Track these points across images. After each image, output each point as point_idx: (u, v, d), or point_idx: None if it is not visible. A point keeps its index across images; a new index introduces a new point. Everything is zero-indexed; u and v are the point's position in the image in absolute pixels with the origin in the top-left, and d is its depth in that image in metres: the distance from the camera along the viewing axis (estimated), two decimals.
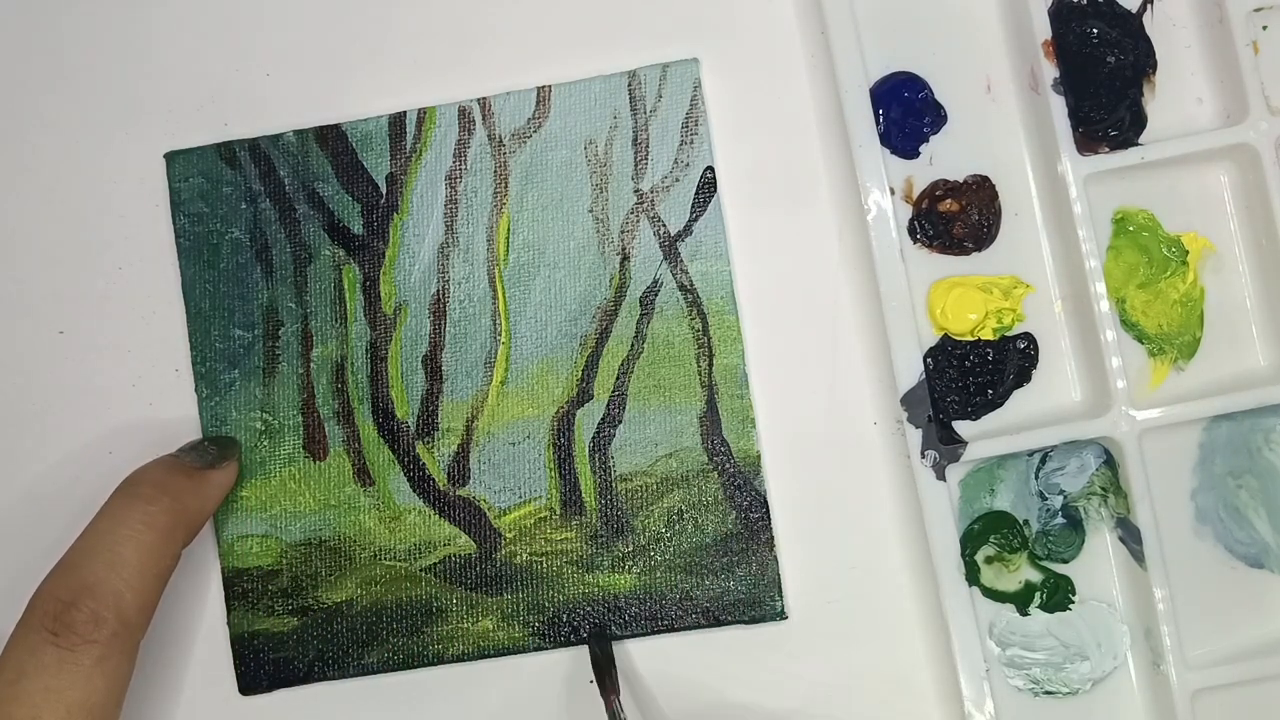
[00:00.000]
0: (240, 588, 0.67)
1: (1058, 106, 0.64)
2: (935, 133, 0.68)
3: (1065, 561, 0.66)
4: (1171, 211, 0.67)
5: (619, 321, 0.67)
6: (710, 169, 0.67)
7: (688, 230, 0.67)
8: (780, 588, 0.66)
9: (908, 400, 0.63)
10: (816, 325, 0.67)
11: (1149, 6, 0.67)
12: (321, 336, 0.67)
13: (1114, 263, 0.67)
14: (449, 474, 0.67)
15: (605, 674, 0.64)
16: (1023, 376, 0.67)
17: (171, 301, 0.67)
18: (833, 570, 0.66)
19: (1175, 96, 0.67)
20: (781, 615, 0.66)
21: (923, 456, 0.64)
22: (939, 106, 0.67)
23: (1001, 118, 0.68)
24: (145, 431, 0.67)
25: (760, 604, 0.66)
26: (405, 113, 0.67)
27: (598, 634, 0.66)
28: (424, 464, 0.67)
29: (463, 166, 0.67)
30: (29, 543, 0.67)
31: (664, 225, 0.67)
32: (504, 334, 0.67)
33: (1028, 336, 0.67)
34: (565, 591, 0.66)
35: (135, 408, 0.67)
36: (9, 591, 0.66)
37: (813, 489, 0.66)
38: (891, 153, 0.67)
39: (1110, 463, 0.66)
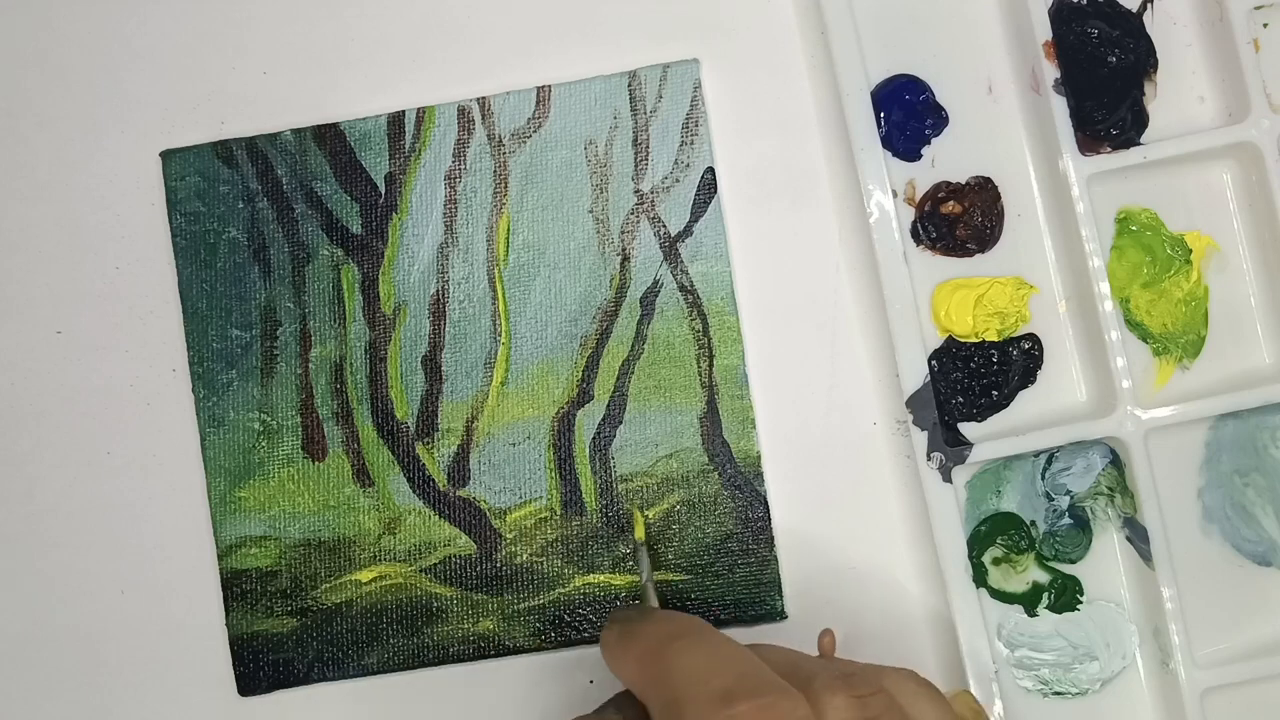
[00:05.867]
0: (239, 588, 0.66)
1: (1059, 107, 0.64)
2: (937, 135, 0.67)
3: (1073, 562, 0.66)
4: (1174, 210, 0.67)
5: (619, 322, 0.66)
6: (710, 170, 0.67)
7: (688, 231, 0.67)
8: (780, 588, 0.66)
9: (913, 403, 0.63)
10: (816, 326, 0.67)
11: (1149, 6, 0.67)
12: (320, 337, 0.67)
13: (1117, 262, 0.67)
14: (449, 475, 0.66)
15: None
16: (1028, 377, 0.67)
17: (168, 301, 0.67)
18: (833, 570, 0.66)
19: (1176, 95, 0.67)
20: (781, 615, 0.66)
21: (929, 459, 0.63)
22: (940, 108, 0.67)
23: (1003, 119, 0.67)
24: (143, 432, 0.67)
25: (760, 604, 0.66)
26: (404, 112, 0.67)
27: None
28: (424, 465, 0.67)
29: (462, 166, 0.67)
30: (28, 543, 0.67)
31: (664, 226, 0.67)
32: (504, 334, 0.67)
33: (1032, 337, 0.67)
34: (565, 592, 0.66)
35: (133, 408, 0.67)
36: (9, 591, 0.66)
37: (813, 489, 0.66)
38: (893, 155, 0.67)
39: (1116, 462, 0.65)
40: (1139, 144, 0.66)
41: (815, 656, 0.54)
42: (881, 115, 0.67)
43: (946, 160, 0.67)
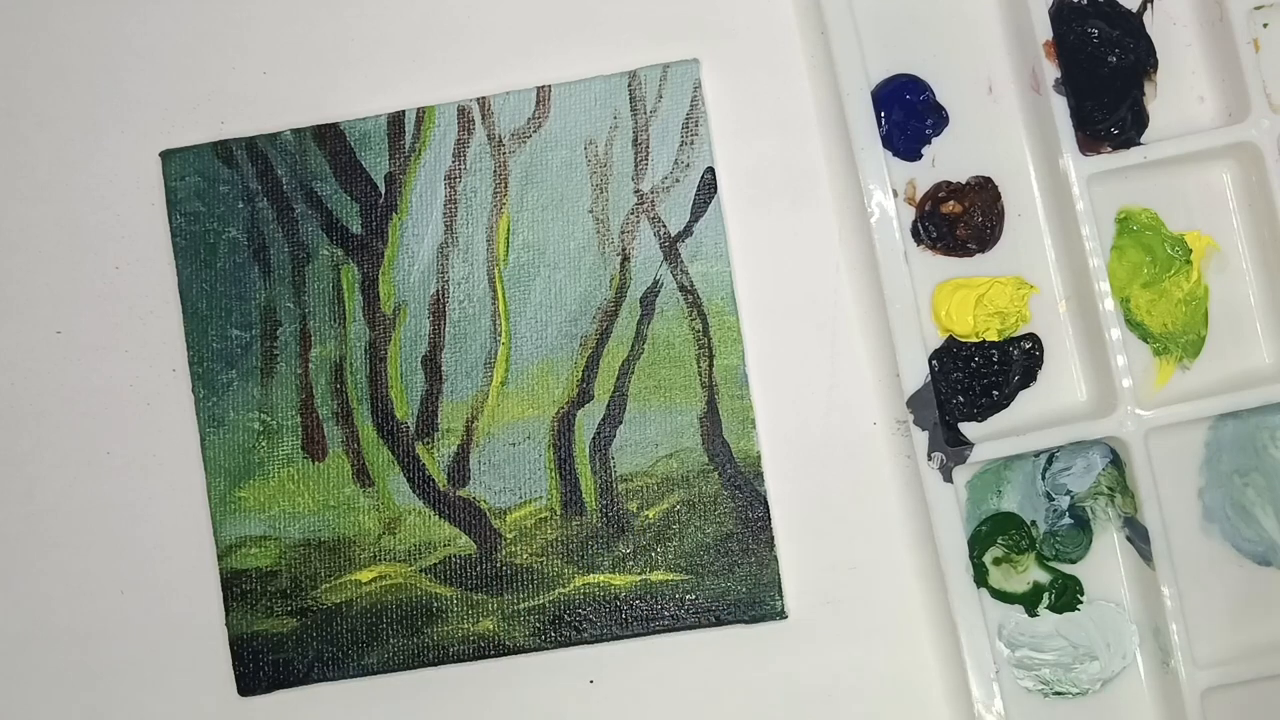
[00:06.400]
0: (239, 588, 0.66)
1: (1059, 107, 0.64)
2: (937, 134, 0.67)
3: (1073, 562, 0.66)
4: (1174, 210, 0.67)
5: (619, 322, 0.66)
6: (710, 170, 0.67)
7: (688, 231, 0.67)
8: (780, 588, 0.66)
9: (914, 403, 0.63)
10: (816, 326, 0.67)
11: (1149, 6, 0.67)
12: (320, 336, 0.67)
13: (1118, 262, 0.67)
14: (449, 475, 0.66)
15: None
16: (1028, 377, 0.67)
17: (168, 301, 0.67)
18: (833, 570, 0.66)
19: (1177, 95, 0.67)
20: (781, 615, 0.66)
21: (929, 459, 0.63)
22: (941, 108, 0.67)
23: (1003, 119, 0.67)
24: (143, 432, 0.67)
25: (760, 604, 0.66)
26: (404, 112, 0.67)
27: None
28: (424, 465, 0.67)
29: (462, 166, 0.67)
30: (28, 543, 0.67)
31: (664, 226, 0.67)
32: (504, 334, 0.67)
33: (1032, 337, 0.67)
34: (565, 592, 0.66)
35: (132, 408, 0.67)
36: (10, 591, 0.66)
37: (813, 489, 0.66)
38: (894, 155, 0.67)
39: (1117, 462, 0.65)
40: (1139, 144, 0.66)
41: None
42: (881, 115, 0.67)
43: (947, 160, 0.67)
